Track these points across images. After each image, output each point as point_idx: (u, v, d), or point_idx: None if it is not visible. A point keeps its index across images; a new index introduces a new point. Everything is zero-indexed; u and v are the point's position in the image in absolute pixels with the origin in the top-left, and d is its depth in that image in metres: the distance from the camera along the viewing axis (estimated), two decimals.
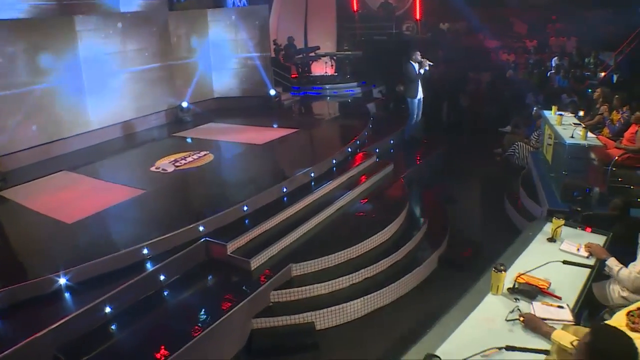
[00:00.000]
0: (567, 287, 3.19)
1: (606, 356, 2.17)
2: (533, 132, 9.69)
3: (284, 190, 6.81)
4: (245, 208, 6.20)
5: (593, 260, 3.55)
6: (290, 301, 5.23)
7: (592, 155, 6.63)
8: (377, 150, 9.09)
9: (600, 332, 2.30)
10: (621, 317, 2.66)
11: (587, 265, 3.47)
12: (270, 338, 4.92)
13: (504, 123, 12.07)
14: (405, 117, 10.28)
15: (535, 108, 10.26)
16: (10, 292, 4.58)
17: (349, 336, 5.09)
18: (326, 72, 15.78)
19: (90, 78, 9.38)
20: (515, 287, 3.10)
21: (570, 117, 7.95)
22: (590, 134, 6.81)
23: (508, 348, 2.58)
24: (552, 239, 3.81)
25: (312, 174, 7.36)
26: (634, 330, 2.52)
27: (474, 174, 9.70)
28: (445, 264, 6.35)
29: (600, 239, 3.88)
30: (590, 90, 12.39)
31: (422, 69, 9.47)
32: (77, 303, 4.56)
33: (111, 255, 5.10)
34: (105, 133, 9.79)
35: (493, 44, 16.15)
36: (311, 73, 15.69)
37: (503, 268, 3.05)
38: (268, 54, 12.65)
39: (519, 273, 3.20)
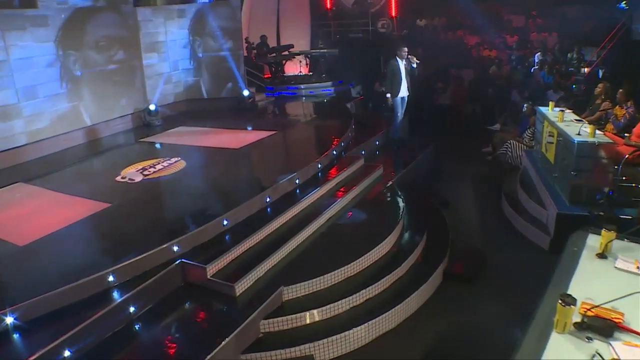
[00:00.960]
0: None
1: None
2: (526, 130, 9.23)
3: (268, 200, 6.10)
4: (225, 222, 5.47)
5: None
6: (283, 330, 4.52)
7: (602, 153, 6.14)
8: (363, 152, 8.43)
9: None
10: None
11: None
12: None
13: (490, 121, 11.77)
14: (388, 118, 9.72)
15: (525, 105, 9.80)
16: None
17: None
18: (300, 72, 15.23)
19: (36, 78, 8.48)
20: (584, 322, 2.45)
21: (570, 114, 7.48)
22: (598, 131, 6.33)
23: None
24: (603, 255, 3.19)
25: (297, 181, 6.65)
26: None
27: (465, 175, 9.29)
28: (451, 278, 5.73)
29: None
30: (574, 86, 12.12)
31: (410, 66, 8.98)
32: (29, 347, 3.81)
33: (70, 285, 4.32)
34: (64, 140, 8.97)
35: (473, 40, 15.77)
36: (284, 73, 15.09)
37: (572, 300, 2.40)
38: (240, 52, 11.94)
39: (588, 304, 2.55)
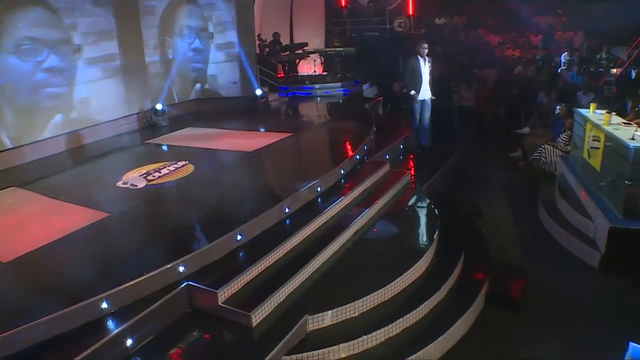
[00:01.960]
0: None
1: None
2: (561, 134, 8.53)
3: (287, 210, 5.42)
4: (238, 237, 4.79)
5: None
6: None
7: None
8: (387, 157, 7.75)
9: None
10: None
11: None
12: None
13: (516, 124, 11.11)
14: (410, 119, 9.09)
15: (559, 107, 9.11)
16: None
17: None
18: (314, 71, 14.59)
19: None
20: None
21: (615, 116, 6.79)
22: None
23: None
24: None
25: (319, 189, 5.98)
26: None
27: (495, 182, 8.63)
28: (493, 302, 5.04)
29: None
30: (605, 88, 11.40)
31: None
32: None
33: (58, 312, 3.66)
34: (64, 141, 8.43)
35: (495, 40, 15.08)
36: (297, 72, 14.49)
37: None
38: (253, 49, 11.31)
39: None
